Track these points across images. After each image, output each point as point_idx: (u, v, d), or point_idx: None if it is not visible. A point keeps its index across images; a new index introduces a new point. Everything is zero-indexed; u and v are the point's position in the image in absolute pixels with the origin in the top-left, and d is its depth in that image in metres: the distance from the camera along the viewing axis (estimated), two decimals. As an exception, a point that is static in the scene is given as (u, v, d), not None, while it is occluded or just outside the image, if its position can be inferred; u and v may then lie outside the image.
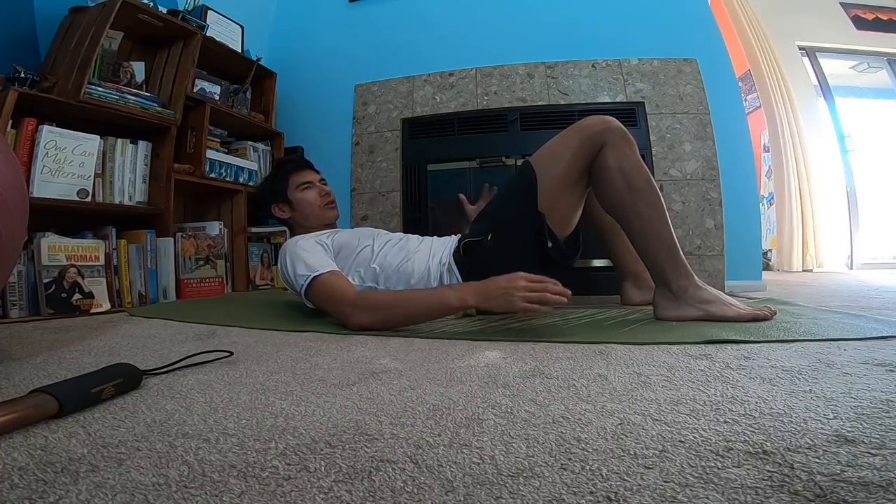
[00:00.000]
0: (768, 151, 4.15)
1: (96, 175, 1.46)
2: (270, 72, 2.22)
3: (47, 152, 1.31)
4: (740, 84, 2.95)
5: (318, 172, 1.37)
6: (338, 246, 1.17)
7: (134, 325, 1.09)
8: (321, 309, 1.06)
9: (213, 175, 1.87)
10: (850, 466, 0.31)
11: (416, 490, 0.31)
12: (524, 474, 0.32)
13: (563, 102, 1.90)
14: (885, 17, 3.97)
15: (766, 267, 4.09)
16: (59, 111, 1.39)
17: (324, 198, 1.31)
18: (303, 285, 1.03)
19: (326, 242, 1.15)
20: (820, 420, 0.40)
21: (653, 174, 1.21)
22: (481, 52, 2.05)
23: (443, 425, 0.42)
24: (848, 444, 0.35)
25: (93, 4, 1.57)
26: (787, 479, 0.30)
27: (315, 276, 1.01)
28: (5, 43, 1.53)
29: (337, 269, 1.06)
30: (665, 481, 0.31)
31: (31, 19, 1.61)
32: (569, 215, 1.13)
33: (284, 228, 1.42)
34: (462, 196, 1.47)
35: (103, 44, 1.49)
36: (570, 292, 0.85)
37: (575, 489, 0.30)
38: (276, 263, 2.09)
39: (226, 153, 2.00)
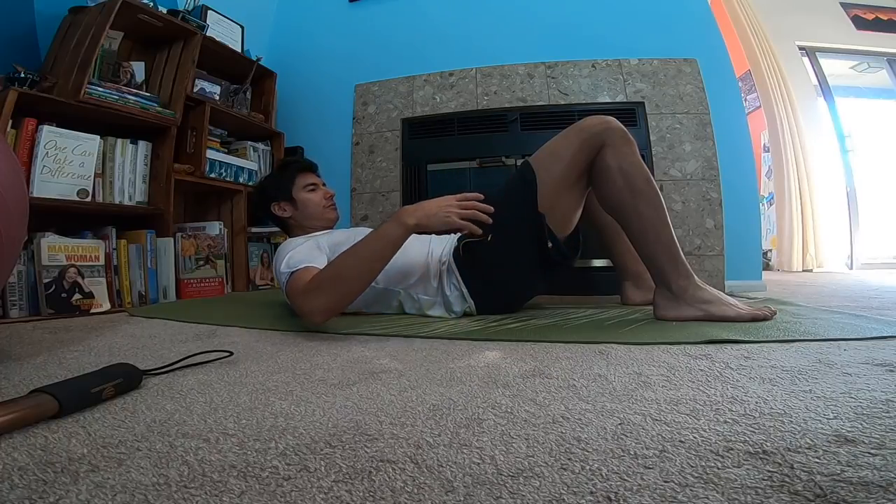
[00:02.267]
0: (768, 151, 4.16)
1: (96, 175, 1.46)
2: (270, 72, 2.22)
3: (47, 152, 1.31)
4: (740, 84, 2.95)
5: (320, 177, 1.37)
6: (333, 244, 1.17)
7: (134, 325, 1.09)
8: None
9: (213, 175, 1.87)
10: (850, 466, 0.31)
11: (416, 490, 0.31)
12: (524, 474, 0.32)
13: (563, 102, 1.90)
14: (885, 17, 3.97)
15: (766, 267, 4.09)
16: (59, 111, 1.39)
17: (328, 200, 1.32)
18: (283, 284, 0.98)
19: (321, 242, 1.15)
20: (820, 420, 0.40)
21: (653, 174, 1.21)
22: (481, 52, 2.05)
23: (443, 425, 0.42)
24: (848, 444, 0.35)
25: (93, 4, 1.57)
26: (787, 479, 0.30)
27: (292, 273, 0.94)
28: (5, 43, 1.53)
29: (315, 264, 0.96)
30: (665, 481, 0.31)
31: (31, 19, 1.61)
32: (569, 215, 1.13)
33: (282, 230, 1.42)
34: None
35: (103, 44, 1.49)
36: (491, 209, 0.93)
37: (575, 489, 0.30)
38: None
39: (226, 153, 2.00)
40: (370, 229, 1.34)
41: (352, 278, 0.89)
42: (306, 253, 1.05)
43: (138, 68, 1.69)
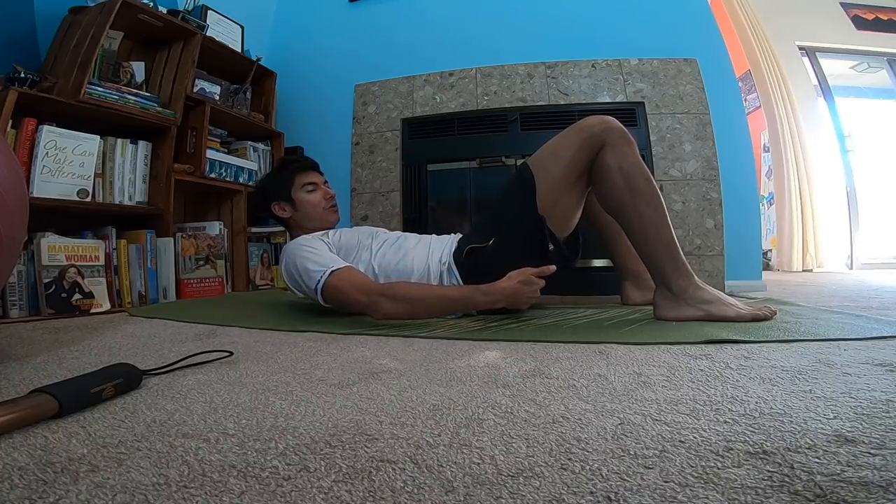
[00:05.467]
0: (768, 151, 4.15)
1: (96, 175, 1.46)
2: (270, 72, 2.22)
3: (47, 152, 1.31)
4: (740, 84, 2.95)
5: (322, 174, 1.36)
6: (339, 246, 1.17)
7: (134, 325, 1.09)
8: (339, 304, 1.05)
9: (213, 175, 1.87)
10: (850, 466, 0.31)
11: (416, 490, 0.31)
12: (524, 474, 0.32)
13: (563, 102, 1.90)
14: (885, 17, 3.97)
15: (766, 267, 4.09)
16: (59, 111, 1.39)
17: (328, 200, 1.30)
18: (319, 281, 1.02)
19: (329, 242, 1.15)
20: (820, 420, 0.40)
21: (653, 174, 1.21)
22: (481, 52, 2.05)
23: (443, 425, 0.42)
24: (848, 444, 0.35)
25: (93, 4, 1.57)
26: (787, 479, 0.30)
27: (332, 271, 1.01)
28: (5, 43, 1.53)
29: (350, 264, 1.07)
30: (665, 481, 0.31)
31: (31, 19, 1.61)
32: (569, 215, 1.13)
33: (284, 228, 1.42)
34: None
35: (103, 44, 1.49)
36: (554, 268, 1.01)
37: (575, 489, 0.30)
38: (276, 263, 2.10)
39: (226, 153, 2.00)
40: (372, 228, 1.35)
41: (425, 310, 1.03)
42: (328, 254, 1.08)
43: (138, 68, 1.69)
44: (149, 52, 1.82)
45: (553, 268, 0.99)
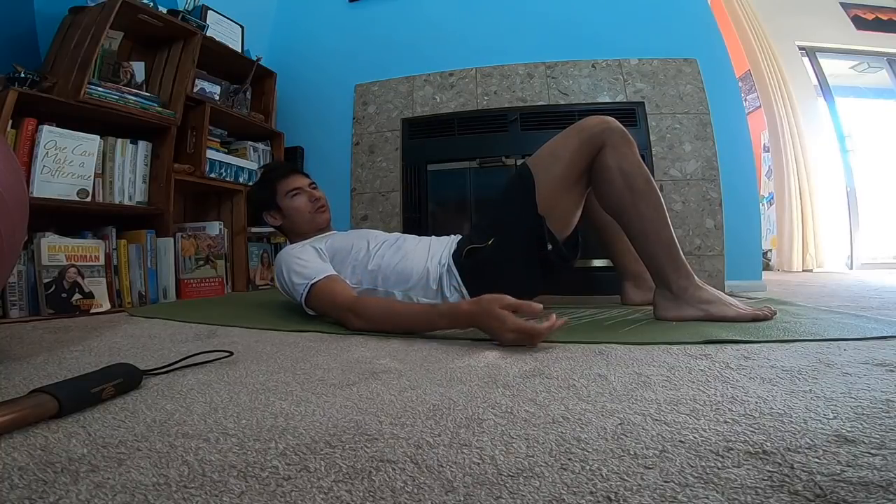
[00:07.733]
0: (768, 151, 4.15)
1: (96, 175, 1.46)
2: (270, 72, 2.22)
3: (47, 152, 1.31)
4: (740, 84, 2.95)
5: (307, 176, 1.35)
6: (332, 251, 1.17)
7: (134, 325, 1.09)
8: (322, 314, 1.07)
9: (213, 175, 1.87)
10: (850, 466, 0.31)
11: (416, 490, 0.31)
12: (524, 474, 0.32)
13: (563, 102, 1.90)
14: (885, 17, 3.97)
15: (766, 267, 4.09)
16: (59, 111, 1.39)
17: (313, 203, 1.28)
18: (302, 294, 1.04)
19: (321, 248, 1.16)
20: (820, 420, 0.40)
21: (653, 174, 1.21)
22: (481, 52, 2.05)
23: (443, 425, 0.42)
24: (848, 444, 0.35)
25: (93, 4, 1.57)
26: (787, 479, 0.30)
27: (313, 284, 1.02)
28: (5, 43, 1.53)
29: (334, 272, 1.07)
30: (665, 481, 0.31)
31: (31, 19, 1.61)
32: (568, 216, 1.13)
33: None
34: None
35: (103, 44, 1.49)
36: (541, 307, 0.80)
37: (575, 489, 0.30)
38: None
39: (226, 153, 2.00)
40: (368, 230, 1.35)
41: (389, 328, 0.94)
42: (314, 264, 1.08)
43: (138, 68, 1.69)
44: (149, 52, 1.82)
45: (539, 307, 0.78)
